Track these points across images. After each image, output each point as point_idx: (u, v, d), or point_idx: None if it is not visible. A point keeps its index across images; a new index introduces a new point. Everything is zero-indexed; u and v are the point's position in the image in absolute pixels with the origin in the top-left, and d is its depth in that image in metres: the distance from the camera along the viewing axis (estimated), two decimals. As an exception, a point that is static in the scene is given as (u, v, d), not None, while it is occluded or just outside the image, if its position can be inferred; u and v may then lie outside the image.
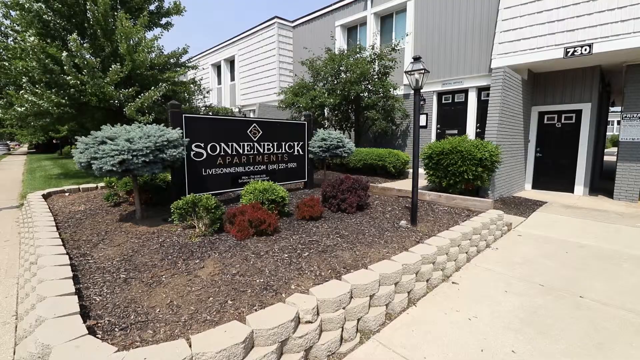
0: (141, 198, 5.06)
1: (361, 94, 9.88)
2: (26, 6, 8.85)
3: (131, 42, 9.22)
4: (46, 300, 2.34)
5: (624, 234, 5.26)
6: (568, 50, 7.17)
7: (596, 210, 6.85)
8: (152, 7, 11.49)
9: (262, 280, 2.92)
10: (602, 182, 10.38)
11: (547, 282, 3.60)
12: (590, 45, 6.90)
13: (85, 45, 10.22)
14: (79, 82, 8.67)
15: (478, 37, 9.26)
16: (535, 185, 9.25)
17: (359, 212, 5.38)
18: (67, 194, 6.73)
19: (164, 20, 11.96)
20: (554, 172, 8.94)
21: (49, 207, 5.49)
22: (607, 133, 17.27)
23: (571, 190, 8.63)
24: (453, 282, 3.61)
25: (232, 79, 18.37)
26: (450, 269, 3.79)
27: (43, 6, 9.06)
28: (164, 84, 9.55)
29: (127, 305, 2.50)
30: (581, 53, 7.01)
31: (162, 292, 2.71)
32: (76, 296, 2.45)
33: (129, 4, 10.78)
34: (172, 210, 4.22)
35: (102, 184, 7.18)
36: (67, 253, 3.38)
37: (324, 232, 4.30)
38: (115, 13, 9.62)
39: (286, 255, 3.47)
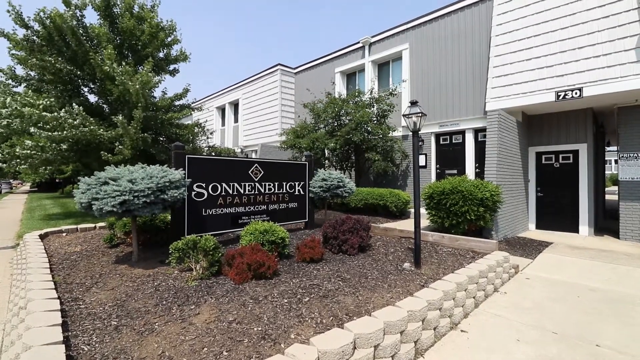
0: (139, 239, 4.99)
1: (361, 137, 10.13)
2: (44, 58, 9.38)
3: (135, 86, 9.61)
4: (31, 350, 2.20)
5: (635, 276, 5.08)
6: (559, 94, 7.45)
7: (603, 251, 6.69)
8: (161, 55, 12.22)
9: (260, 329, 2.77)
10: (607, 222, 10.25)
11: (559, 329, 3.41)
12: (580, 89, 7.18)
13: (94, 89, 10.66)
14: (70, 128, 8.84)
15: (472, 81, 9.68)
16: (539, 225, 9.13)
17: (361, 253, 5.26)
18: (64, 234, 6.64)
19: (171, 67, 12.68)
20: (557, 212, 8.87)
21: (45, 248, 5.38)
22: (606, 172, 17.41)
23: (576, 230, 8.50)
24: (462, 330, 3.42)
25: (236, 120, 18.98)
26: (458, 316, 3.61)
27: (59, 58, 9.67)
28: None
29: (115, 357, 2.35)
30: (572, 97, 7.28)
31: (154, 342, 2.56)
32: (63, 345, 2.31)
33: (140, 53, 11.45)
34: (170, 252, 4.13)
35: (100, 224, 7.11)
36: (59, 297, 3.25)
37: (325, 275, 4.17)
38: (124, 63, 10.16)
39: (286, 301, 3.33)
